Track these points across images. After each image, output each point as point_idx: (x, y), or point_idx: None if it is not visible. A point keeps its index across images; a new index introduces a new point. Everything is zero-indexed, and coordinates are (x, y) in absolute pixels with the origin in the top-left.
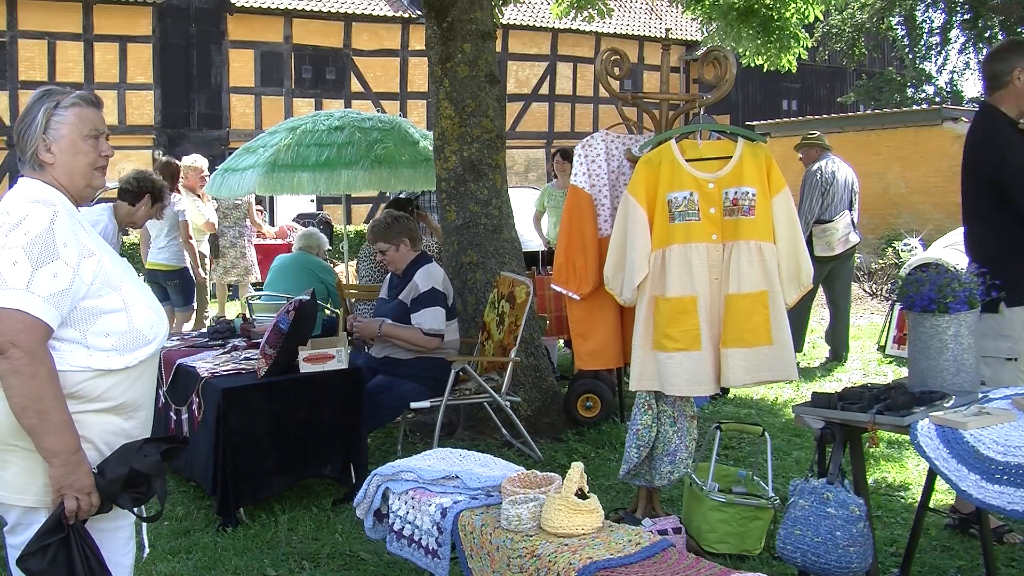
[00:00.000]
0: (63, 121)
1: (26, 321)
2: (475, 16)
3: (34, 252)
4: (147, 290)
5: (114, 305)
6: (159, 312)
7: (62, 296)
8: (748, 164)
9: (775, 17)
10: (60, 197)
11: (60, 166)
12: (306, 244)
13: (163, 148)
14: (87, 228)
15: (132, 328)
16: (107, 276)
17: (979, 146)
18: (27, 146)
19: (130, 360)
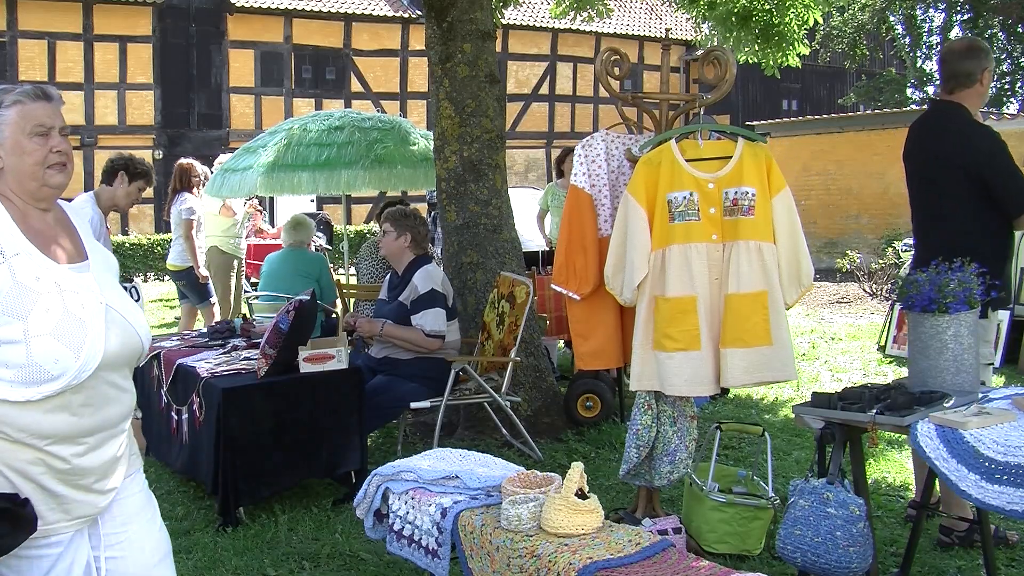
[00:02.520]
0: (4, 122)
1: None
2: (475, 16)
3: None
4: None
5: (11, 335)
6: (78, 345)
7: None
8: (748, 164)
9: (775, 23)
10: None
11: (10, 170)
12: (296, 239)
13: (163, 148)
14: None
15: (31, 362)
16: (9, 304)
17: (961, 145)
18: None
19: (32, 394)
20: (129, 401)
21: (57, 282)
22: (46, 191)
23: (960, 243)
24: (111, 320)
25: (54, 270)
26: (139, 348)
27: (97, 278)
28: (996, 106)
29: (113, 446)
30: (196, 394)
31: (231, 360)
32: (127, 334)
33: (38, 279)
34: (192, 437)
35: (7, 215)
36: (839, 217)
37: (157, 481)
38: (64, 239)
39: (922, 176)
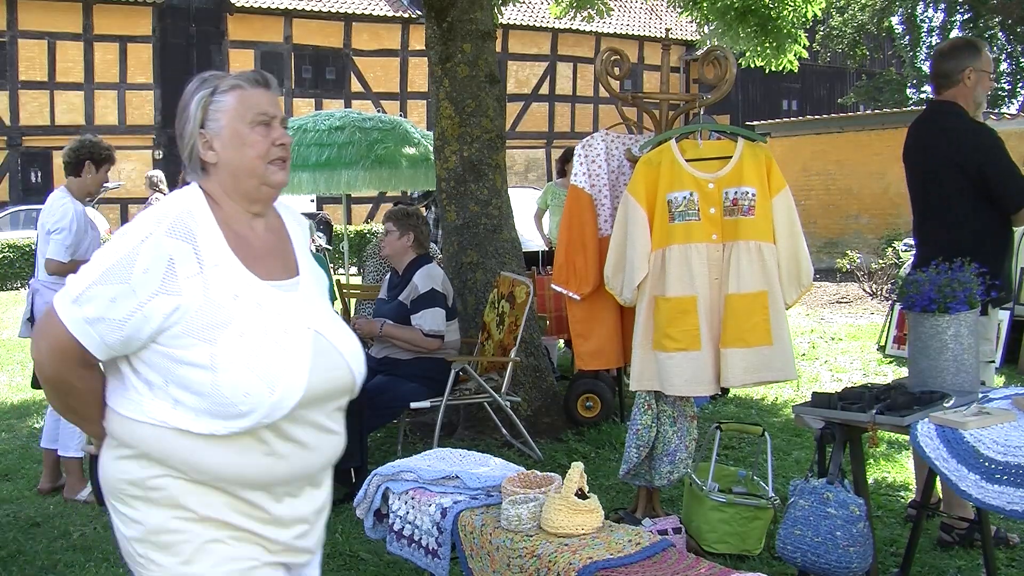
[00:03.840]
0: (221, 108)
1: (61, 334)
2: (475, 16)
3: (107, 264)
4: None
5: (197, 359)
6: (274, 378)
7: (108, 325)
8: (748, 164)
9: (774, 16)
10: (189, 215)
11: (224, 165)
12: None
13: (163, 148)
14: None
15: (216, 392)
16: (192, 324)
17: (957, 143)
18: (185, 146)
19: (218, 428)
20: (336, 446)
21: (259, 302)
22: (265, 191)
23: (959, 242)
24: (319, 349)
25: (256, 287)
26: (350, 384)
27: (307, 298)
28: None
29: (315, 498)
30: None
31: None
32: (335, 366)
33: (236, 297)
34: None
35: (212, 219)
36: (839, 217)
37: None
38: (274, 250)
39: (920, 176)
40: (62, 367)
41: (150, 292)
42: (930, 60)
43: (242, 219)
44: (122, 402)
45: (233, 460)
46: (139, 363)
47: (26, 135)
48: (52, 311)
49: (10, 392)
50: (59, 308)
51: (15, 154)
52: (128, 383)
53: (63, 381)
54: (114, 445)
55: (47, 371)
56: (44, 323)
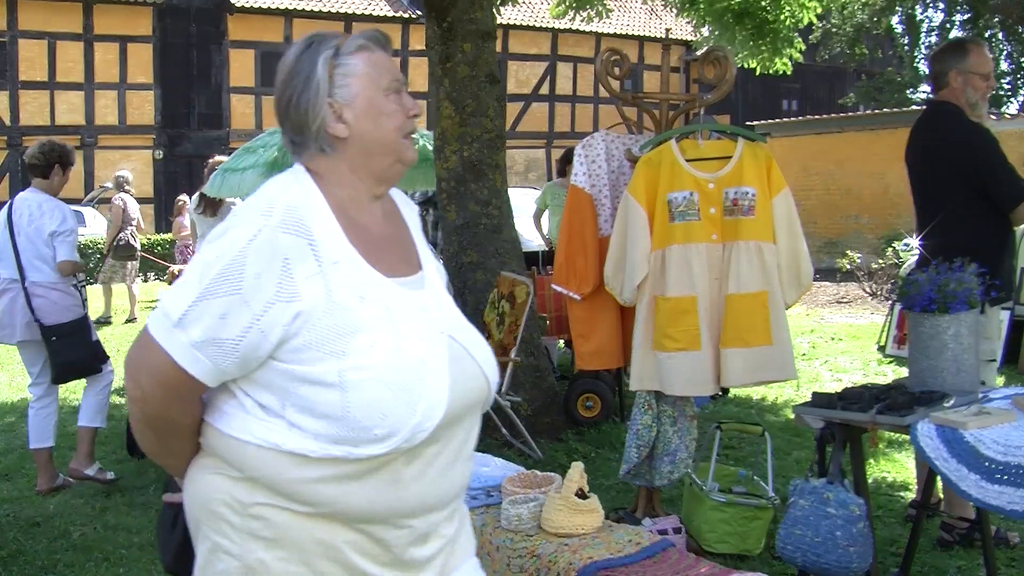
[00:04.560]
0: (352, 73)
1: (163, 365)
2: (475, 16)
3: (210, 274)
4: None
5: (322, 376)
6: (414, 396)
7: (221, 348)
8: (748, 164)
9: (770, 20)
10: (299, 204)
11: (357, 140)
12: None
13: (163, 148)
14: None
15: (347, 415)
16: (316, 334)
17: (951, 142)
18: (308, 119)
19: (340, 452)
20: (471, 468)
21: (387, 303)
22: (397, 170)
23: (957, 242)
24: (454, 357)
25: (383, 286)
26: (485, 396)
27: (435, 297)
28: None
29: (447, 530)
30: None
31: None
32: (472, 376)
33: (362, 299)
34: None
35: (326, 206)
36: (839, 217)
37: (157, 481)
38: (394, 240)
39: (918, 176)
40: (168, 403)
41: (265, 301)
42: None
43: (361, 204)
44: (225, 420)
45: (356, 491)
46: (250, 384)
47: (26, 135)
48: (150, 339)
49: (10, 392)
50: (158, 334)
51: (15, 154)
52: (234, 401)
53: (167, 420)
54: (212, 464)
55: (150, 410)
56: (141, 354)
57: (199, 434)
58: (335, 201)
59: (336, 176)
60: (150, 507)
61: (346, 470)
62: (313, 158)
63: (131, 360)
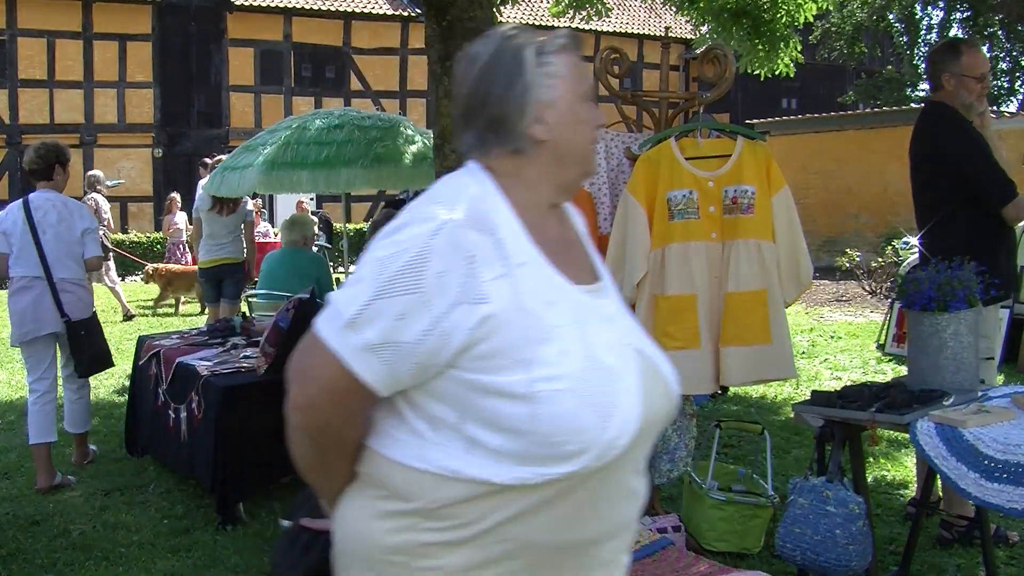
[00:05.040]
0: (556, 73)
1: (333, 369)
2: (475, 15)
3: (386, 273)
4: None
5: (510, 386)
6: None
7: (398, 352)
8: (748, 162)
9: (767, 19)
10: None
11: (552, 145)
12: (290, 239)
13: (163, 147)
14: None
15: (536, 430)
16: (504, 341)
17: (940, 143)
18: (508, 117)
19: (529, 476)
20: (645, 491)
21: (576, 312)
22: (579, 181)
23: (951, 241)
24: (642, 370)
25: (570, 293)
26: (670, 412)
27: (619, 308)
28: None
29: (625, 559)
30: (195, 392)
31: (231, 358)
32: (660, 392)
33: (550, 305)
34: (190, 435)
35: (507, 205)
36: (838, 216)
37: (156, 479)
38: (573, 247)
39: (918, 175)
40: (336, 413)
41: (449, 302)
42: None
43: (541, 211)
44: (396, 447)
45: (542, 519)
46: (423, 396)
47: (25, 133)
48: (318, 340)
49: (10, 390)
50: (329, 336)
51: (15, 152)
52: (403, 420)
53: (332, 432)
54: (374, 496)
55: (315, 419)
56: (308, 357)
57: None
58: (517, 203)
59: (522, 179)
60: (149, 505)
61: (533, 494)
62: (499, 158)
63: (297, 363)
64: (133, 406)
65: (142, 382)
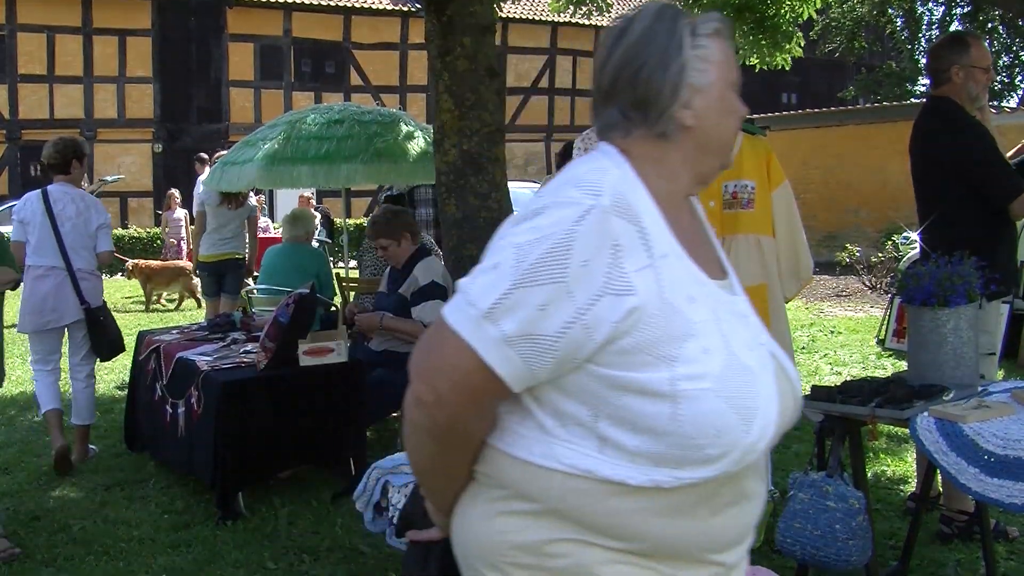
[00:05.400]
0: (710, 58)
1: (467, 363)
2: (475, 10)
3: (527, 260)
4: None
5: (652, 384)
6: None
7: (537, 345)
8: (748, 157)
9: (770, 14)
10: (624, 184)
11: (700, 132)
12: (292, 235)
13: (162, 142)
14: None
15: (677, 430)
16: (648, 335)
17: (945, 139)
18: (658, 97)
19: (665, 478)
20: (765, 496)
21: (714, 307)
22: (717, 173)
23: (958, 235)
24: (775, 373)
25: (707, 287)
26: (797, 416)
27: (749, 306)
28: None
29: (741, 567)
30: (195, 387)
31: (231, 353)
32: (790, 394)
33: (692, 300)
34: (188, 431)
35: (650, 199)
36: (838, 211)
37: (156, 475)
38: (705, 242)
39: (919, 170)
40: (467, 410)
41: (593, 292)
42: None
43: (676, 201)
44: (522, 444)
45: (674, 522)
46: (553, 391)
47: (25, 129)
48: (450, 332)
49: (10, 385)
50: (462, 328)
51: (14, 148)
52: (529, 416)
53: (460, 430)
54: (496, 496)
55: (442, 417)
56: (437, 350)
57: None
58: (656, 191)
59: (662, 166)
60: (149, 501)
61: (666, 497)
62: (640, 141)
63: (424, 356)
64: (132, 402)
65: (141, 377)
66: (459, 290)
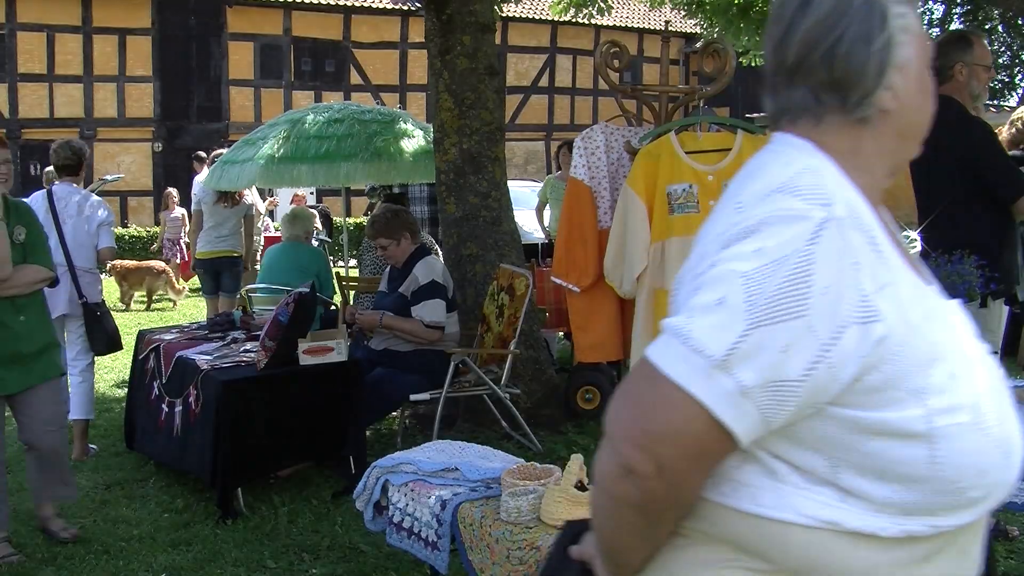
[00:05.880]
0: (911, 29)
1: (698, 425)
2: (474, 8)
3: (763, 292)
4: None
5: (909, 426)
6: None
7: (777, 393)
8: (748, 156)
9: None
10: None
11: (900, 116)
12: (292, 234)
13: (162, 141)
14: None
15: (935, 474)
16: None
17: (952, 137)
18: (861, 78)
19: (918, 525)
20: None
21: (944, 322)
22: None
23: (960, 235)
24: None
25: (932, 299)
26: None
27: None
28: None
29: None
30: (194, 386)
31: (231, 352)
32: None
33: (927, 317)
34: (184, 429)
35: (865, 201)
36: None
37: (156, 474)
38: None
39: (921, 170)
40: (692, 479)
41: (837, 324)
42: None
43: (876, 197)
44: (747, 495)
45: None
46: (782, 441)
47: (25, 128)
48: (672, 388)
49: None
50: (690, 382)
51: (14, 147)
52: (757, 467)
53: (678, 501)
54: (713, 558)
55: (661, 489)
56: (658, 413)
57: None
58: (861, 190)
59: (858, 158)
60: (149, 500)
61: (920, 547)
62: (832, 129)
63: (634, 417)
64: (132, 400)
65: (140, 376)
66: (673, 333)
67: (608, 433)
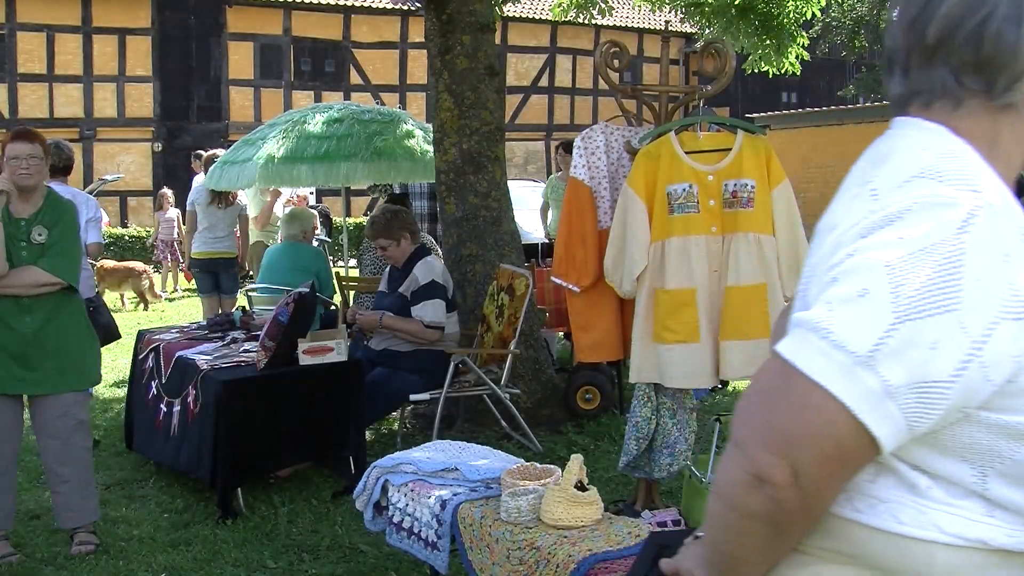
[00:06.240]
0: None
1: (840, 427)
2: (474, 8)
3: (910, 284)
4: None
5: None
6: None
7: (925, 395)
8: (748, 156)
9: (774, 14)
10: (995, 177)
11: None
12: (289, 233)
13: (162, 141)
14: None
15: None
16: None
17: None
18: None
19: None
20: None
21: None
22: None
23: None
24: None
25: None
26: None
27: None
28: None
29: None
30: (193, 386)
31: (230, 352)
32: None
33: None
34: (182, 429)
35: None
36: None
37: (156, 474)
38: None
39: None
40: (830, 488)
41: (988, 320)
42: None
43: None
44: (875, 507)
45: None
46: (924, 449)
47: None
48: (810, 387)
49: None
50: (830, 380)
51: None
52: (893, 479)
53: (814, 513)
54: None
55: (796, 500)
56: (794, 414)
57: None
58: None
59: (996, 147)
60: (149, 500)
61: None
62: (971, 115)
63: (767, 419)
64: (131, 400)
65: (138, 376)
66: (811, 328)
67: (736, 439)
